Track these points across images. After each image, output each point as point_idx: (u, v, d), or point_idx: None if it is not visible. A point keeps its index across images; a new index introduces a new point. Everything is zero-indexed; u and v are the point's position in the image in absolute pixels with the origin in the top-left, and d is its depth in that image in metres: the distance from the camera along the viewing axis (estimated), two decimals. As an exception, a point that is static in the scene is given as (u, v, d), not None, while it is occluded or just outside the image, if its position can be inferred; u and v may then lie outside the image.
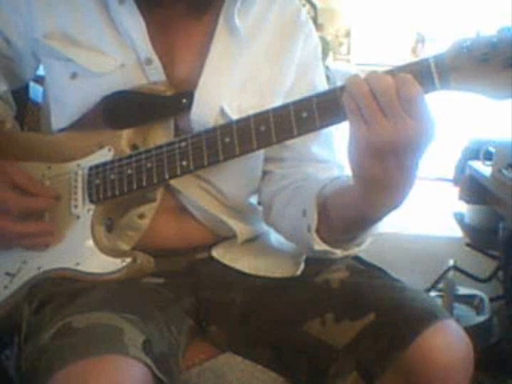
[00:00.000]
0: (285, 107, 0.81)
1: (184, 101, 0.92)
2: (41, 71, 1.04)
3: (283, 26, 1.00)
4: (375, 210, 0.79)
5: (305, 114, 0.80)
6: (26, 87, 1.17)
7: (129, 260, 0.87)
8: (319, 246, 0.87)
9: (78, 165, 0.92)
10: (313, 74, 1.03)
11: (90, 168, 0.91)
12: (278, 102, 0.93)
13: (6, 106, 1.03)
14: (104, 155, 0.91)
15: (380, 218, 0.81)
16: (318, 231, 0.87)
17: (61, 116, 0.96)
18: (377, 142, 0.72)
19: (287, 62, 0.99)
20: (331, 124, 0.80)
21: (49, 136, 0.98)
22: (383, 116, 0.72)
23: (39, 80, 1.09)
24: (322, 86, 1.04)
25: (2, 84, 1.01)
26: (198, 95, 0.92)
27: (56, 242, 0.91)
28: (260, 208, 1.06)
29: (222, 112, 0.93)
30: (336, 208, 0.85)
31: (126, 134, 0.91)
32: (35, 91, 1.19)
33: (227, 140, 0.84)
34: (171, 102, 0.92)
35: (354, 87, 0.74)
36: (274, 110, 0.82)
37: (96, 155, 0.92)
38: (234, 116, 0.91)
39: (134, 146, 0.91)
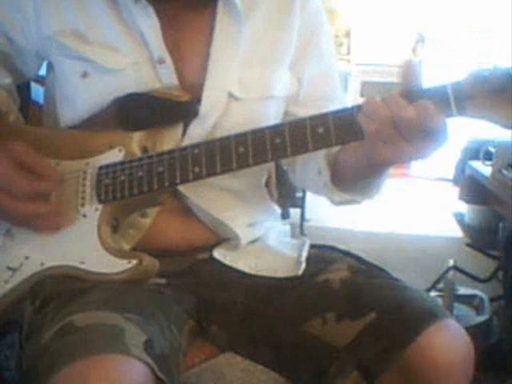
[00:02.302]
0: (301, 121, 0.83)
1: (197, 106, 0.93)
2: (42, 71, 1.04)
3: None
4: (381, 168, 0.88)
5: (321, 130, 0.82)
6: (28, 88, 1.16)
7: (135, 262, 0.86)
8: (339, 197, 0.95)
9: (88, 163, 0.91)
10: (318, 39, 1.04)
11: (100, 167, 0.90)
12: (281, 71, 0.99)
13: (10, 99, 1.02)
14: (114, 155, 0.91)
15: (388, 168, 0.88)
16: (333, 184, 0.93)
17: (70, 115, 0.96)
18: (394, 159, 0.78)
19: (287, 30, 1.00)
20: (347, 142, 0.84)
21: (58, 132, 0.97)
22: (404, 141, 0.76)
23: (40, 80, 1.09)
24: (329, 50, 1.06)
25: (6, 76, 1.01)
26: (206, 89, 0.93)
27: (67, 223, 0.89)
28: (262, 207, 1.07)
29: (230, 96, 0.95)
30: (345, 161, 0.91)
31: (137, 136, 0.91)
32: (36, 92, 1.19)
33: (241, 150, 0.85)
34: (185, 108, 0.93)
35: (374, 113, 0.77)
36: (290, 123, 0.84)
37: (106, 155, 0.91)
38: (240, 94, 0.95)
39: (144, 149, 0.91)
